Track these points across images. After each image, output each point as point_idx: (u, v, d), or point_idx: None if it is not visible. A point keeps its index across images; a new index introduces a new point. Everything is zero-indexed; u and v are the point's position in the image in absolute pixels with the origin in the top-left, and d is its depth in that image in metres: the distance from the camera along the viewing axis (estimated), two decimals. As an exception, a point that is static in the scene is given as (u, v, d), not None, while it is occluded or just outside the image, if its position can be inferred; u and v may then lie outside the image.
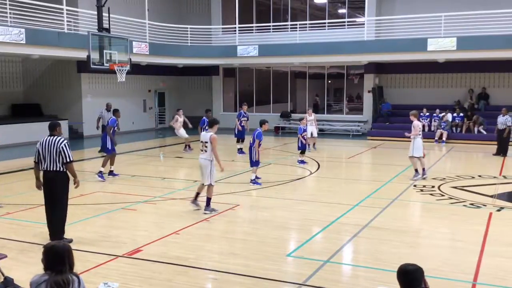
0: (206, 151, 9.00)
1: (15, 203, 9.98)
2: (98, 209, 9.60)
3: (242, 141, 17.05)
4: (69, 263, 3.72)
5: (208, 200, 9.18)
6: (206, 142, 8.98)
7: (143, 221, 8.99)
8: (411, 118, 12.59)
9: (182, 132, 17.67)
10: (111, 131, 12.84)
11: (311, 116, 17.66)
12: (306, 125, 15.92)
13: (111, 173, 12.94)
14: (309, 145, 17.23)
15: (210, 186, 9.11)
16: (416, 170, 12.52)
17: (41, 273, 3.71)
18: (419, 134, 12.39)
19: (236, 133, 17.09)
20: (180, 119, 17.62)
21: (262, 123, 12.35)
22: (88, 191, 11.07)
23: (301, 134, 14.94)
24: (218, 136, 9.25)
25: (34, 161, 7.42)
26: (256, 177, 12.08)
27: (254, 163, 11.97)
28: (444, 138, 20.50)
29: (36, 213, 8.96)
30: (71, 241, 7.31)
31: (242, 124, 17.00)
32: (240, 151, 16.81)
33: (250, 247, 7.36)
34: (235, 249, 7.34)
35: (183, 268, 6.45)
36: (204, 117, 15.71)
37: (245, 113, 17.29)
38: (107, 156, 12.98)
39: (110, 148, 12.87)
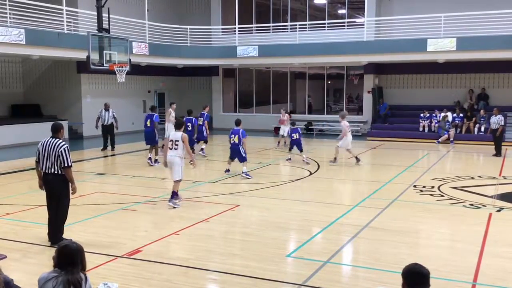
0: (176, 149, 9.68)
1: (15, 204, 9.98)
2: (98, 209, 9.60)
3: (206, 142, 17.08)
4: (81, 263, 3.80)
5: (174, 193, 9.81)
6: (177, 141, 9.68)
7: (142, 221, 8.99)
8: (340, 119, 15.09)
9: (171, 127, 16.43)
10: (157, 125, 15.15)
11: (283, 117, 19.06)
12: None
13: (156, 161, 15.01)
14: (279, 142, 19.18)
15: (179, 181, 9.86)
16: (335, 159, 15.02)
17: (50, 271, 3.76)
18: (349, 131, 14.98)
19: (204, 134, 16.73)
20: (173, 113, 17.09)
21: (240, 122, 13.41)
22: (87, 191, 11.07)
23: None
24: (218, 136, 9.28)
25: (36, 161, 7.43)
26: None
27: (244, 158, 13.00)
28: (452, 138, 20.55)
29: (36, 214, 8.96)
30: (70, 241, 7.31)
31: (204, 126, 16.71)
32: (202, 151, 16.68)
33: (249, 247, 7.36)
34: (234, 249, 7.34)
35: (182, 268, 6.45)
36: (191, 117, 16.26)
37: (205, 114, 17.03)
38: (155, 146, 15.14)
39: (157, 139, 15.12)
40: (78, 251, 3.81)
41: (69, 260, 3.74)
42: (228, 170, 13.44)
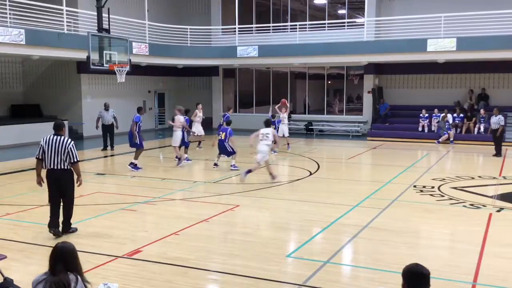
0: (266, 139, 12.14)
1: (15, 204, 9.98)
2: (98, 209, 9.60)
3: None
4: (71, 263, 3.76)
5: (271, 173, 12.25)
6: (268, 134, 12.24)
7: (142, 221, 8.99)
8: (176, 112, 15.08)
9: (199, 128, 17.87)
10: (136, 127, 13.83)
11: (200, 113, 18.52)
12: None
13: (135, 166, 13.89)
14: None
15: (267, 162, 12.32)
16: (179, 158, 14.70)
17: (42, 273, 3.76)
18: (179, 128, 14.83)
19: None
20: (200, 113, 17.83)
21: (230, 123, 14.63)
22: (88, 191, 11.06)
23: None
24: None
25: (37, 158, 7.59)
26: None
27: (230, 153, 13.96)
28: (451, 138, 20.56)
29: (36, 214, 8.96)
30: (76, 229, 7.94)
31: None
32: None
33: (249, 247, 7.35)
34: (235, 249, 7.34)
35: (183, 268, 6.45)
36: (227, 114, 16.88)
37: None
38: (139, 150, 13.97)
39: (138, 143, 13.89)
40: (67, 252, 3.77)
41: (57, 261, 3.72)
42: (216, 164, 14.27)
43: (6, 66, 22.55)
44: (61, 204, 7.77)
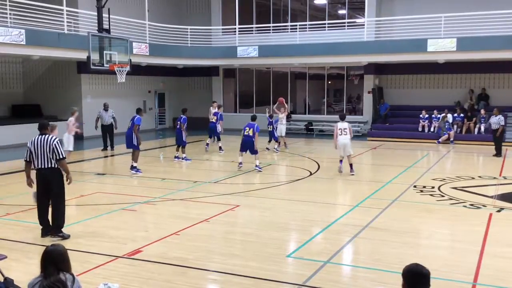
0: (346, 134, 13.09)
1: (15, 204, 9.98)
2: (98, 209, 9.60)
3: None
4: (62, 265, 3.77)
5: (351, 164, 13.19)
6: (345, 129, 13.11)
7: (142, 221, 8.99)
8: (72, 116, 14.25)
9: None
10: (137, 129, 13.46)
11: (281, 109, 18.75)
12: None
13: (135, 168, 13.53)
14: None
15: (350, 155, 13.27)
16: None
17: (37, 276, 3.77)
18: (72, 131, 13.92)
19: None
20: (214, 111, 18.22)
21: (255, 118, 14.55)
22: (88, 191, 11.08)
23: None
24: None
25: (25, 160, 7.73)
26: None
27: (256, 151, 13.74)
28: (452, 138, 20.56)
29: (36, 214, 8.93)
30: (68, 236, 7.72)
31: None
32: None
33: (250, 247, 7.35)
34: (235, 249, 7.34)
35: (183, 268, 6.45)
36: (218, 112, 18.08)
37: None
38: (136, 152, 13.57)
39: (136, 144, 13.48)
40: (57, 254, 3.78)
41: (48, 263, 3.73)
42: (241, 163, 13.87)
43: (6, 66, 22.55)
44: (50, 205, 7.80)
